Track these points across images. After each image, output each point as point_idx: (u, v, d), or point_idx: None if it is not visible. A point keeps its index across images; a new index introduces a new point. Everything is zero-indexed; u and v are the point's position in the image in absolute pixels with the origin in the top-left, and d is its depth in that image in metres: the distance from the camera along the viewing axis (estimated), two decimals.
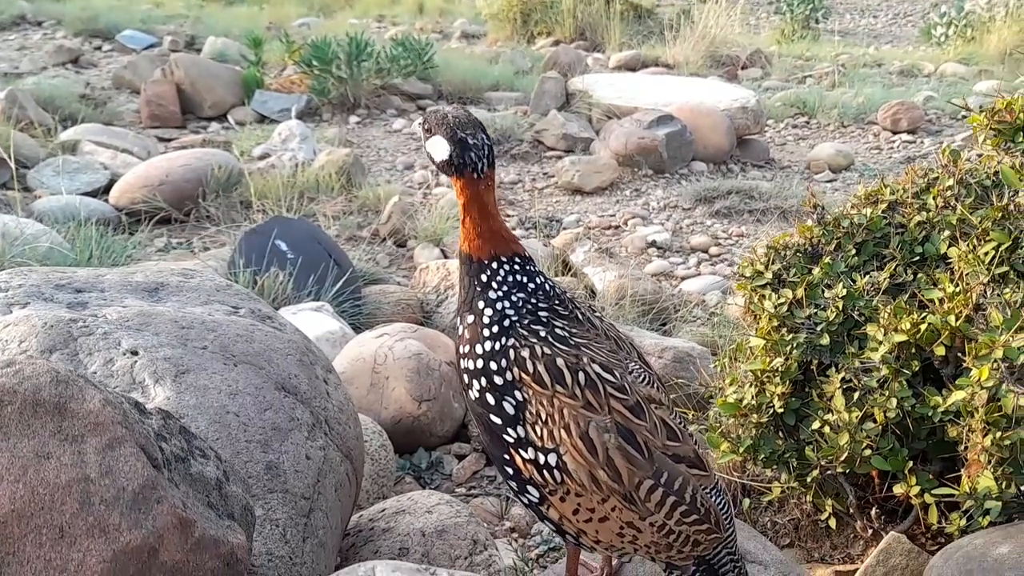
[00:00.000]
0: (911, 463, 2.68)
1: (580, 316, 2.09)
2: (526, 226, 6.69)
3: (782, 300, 2.95)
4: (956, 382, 2.42)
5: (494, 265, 2.04)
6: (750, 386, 3.03)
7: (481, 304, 2.04)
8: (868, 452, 2.70)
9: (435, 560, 2.64)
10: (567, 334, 2.01)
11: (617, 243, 6.52)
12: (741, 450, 3.01)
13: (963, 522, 2.55)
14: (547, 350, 1.97)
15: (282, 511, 2.09)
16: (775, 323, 2.96)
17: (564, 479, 1.95)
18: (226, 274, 4.41)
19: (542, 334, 2.00)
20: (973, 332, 2.39)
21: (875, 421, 2.70)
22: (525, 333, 2.00)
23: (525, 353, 1.98)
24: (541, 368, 1.96)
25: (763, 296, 3.05)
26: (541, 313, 2.03)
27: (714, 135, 7.89)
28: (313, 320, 4.18)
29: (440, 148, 2.00)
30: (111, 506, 1.42)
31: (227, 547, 1.52)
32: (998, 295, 2.40)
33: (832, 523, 2.98)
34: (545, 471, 1.96)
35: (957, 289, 2.56)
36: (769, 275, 3.06)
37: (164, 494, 1.45)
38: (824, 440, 2.79)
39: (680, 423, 2.05)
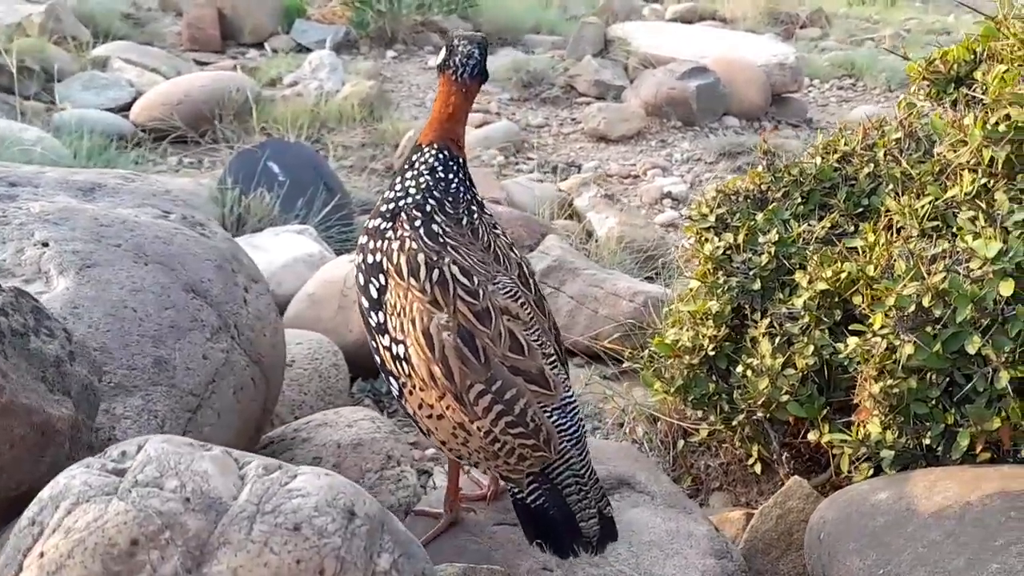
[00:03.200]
0: (826, 411, 2.68)
1: (467, 222, 2.17)
2: (544, 170, 6.69)
3: (720, 244, 2.95)
4: (847, 328, 2.42)
5: (425, 149, 2.21)
6: (686, 328, 3.04)
7: (397, 179, 2.22)
8: (786, 398, 2.71)
9: (345, 471, 2.71)
10: (440, 231, 2.12)
11: (633, 192, 6.50)
12: (672, 390, 3.03)
13: (870, 472, 2.56)
14: (413, 244, 2.09)
15: (164, 404, 2.17)
16: (711, 266, 2.96)
17: (411, 372, 2.04)
18: (215, 191, 4.50)
19: (416, 224, 2.12)
20: (884, 282, 2.37)
21: (796, 368, 2.71)
22: (405, 219, 2.13)
23: (395, 245, 2.10)
24: (403, 260, 2.08)
25: (707, 239, 3.04)
26: (430, 201, 2.16)
27: (749, 90, 7.77)
28: (293, 242, 4.25)
29: (441, 53, 2.24)
30: None
31: (41, 417, 1.59)
32: (910, 248, 2.37)
33: (758, 468, 3.00)
34: (397, 362, 2.07)
35: (879, 240, 2.54)
36: (713, 218, 3.05)
37: None
38: (747, 384, 2.80)
39: (537, 341, 2.08)
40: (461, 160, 2.24)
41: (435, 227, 2.12)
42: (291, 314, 3.88)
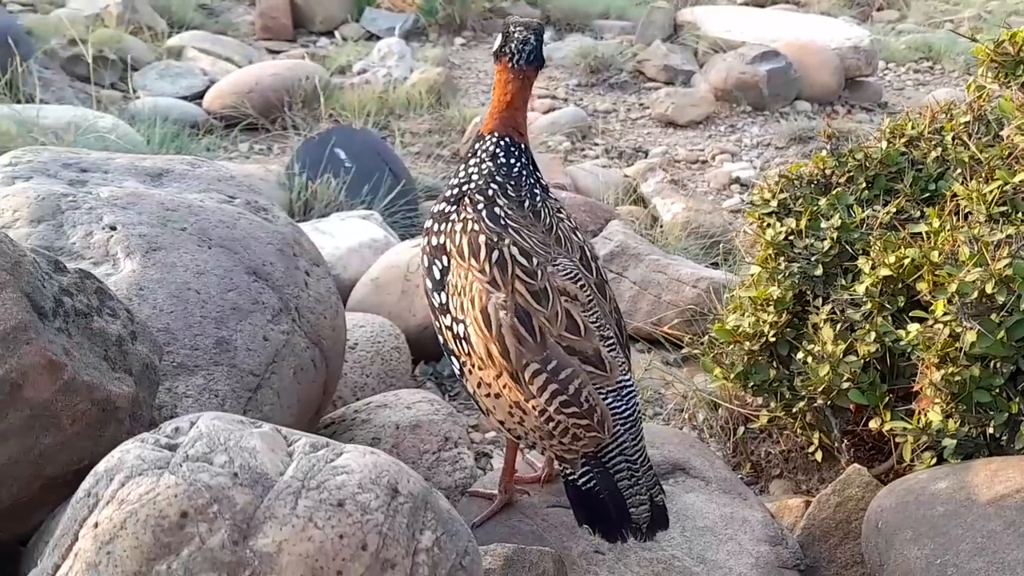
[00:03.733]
0: (888, 399, 2.64)
1: (529, 204, 2.20)
2: (611, 155, 6.67)
3: (781, 229, 2.92)
4: (909, 315, 2.38)
5: (486, 137, 2.25)
6: (747, 314, 3.02)
7: (461, 167, 2.27)
8: (847, 385, 2.67)
9: (403, 452, 2.75)
10: (503, 214, 2.15)
11: (701, 178, 6.45)
12: (732, 376, 3.01)
13: (932, 461, 2.51)
14: (475, 227, 2.13)
15: (225, 383, 2.22)
16: (772, 251, 2.93)
17: (470, 351, 2.08)
18: (283, 177, 4.58)
19: (479, 207, 2.16)
20: (947, 268, 2.33)
21: (858, 355, 2.67)
22: (468, 203, 2.18)
23: (458, 227, 2.15)
24: (465, 241, 2.12)
25: (769, 224, 3.01)
26: (492, 186, 2.20)
27: (821, 74, 7.63)
28: (358, 227, 4.30)
29: (496, 40, 2.28)
30: None
31: (102, 393, 1.65)
32: (975, 233, 2.32)
33: (818, 456, 2.96)
34: (458, 341, 2.10)
35: (944, 225, 2.49)
36: (775, 203, 3.02)
37: (35, 337, 1.58)
38: (808, 371, 2.77)
39: (595, 323, 2.09)
40: (523, 146, 2.27)
41: (497, 210, 2.16)
42: (356, 298, 3.93)
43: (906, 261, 2.54)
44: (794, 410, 2.91)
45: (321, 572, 1.35)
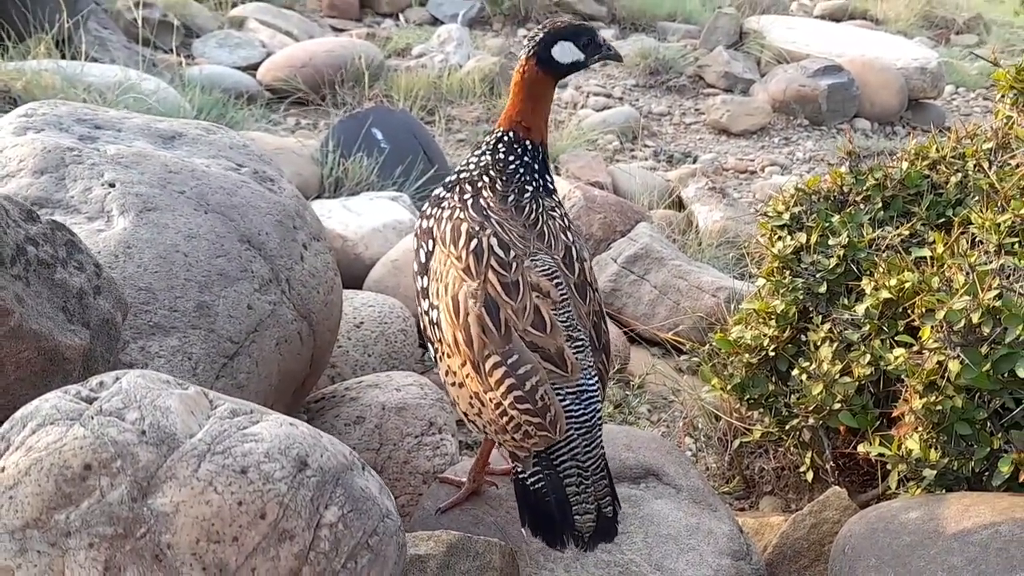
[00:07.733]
0: (878, 423, 2.59)
1: (513, 199, 2.20)
2: (659, 158, 6.62)
3: (790, 243, 2.87)
4: (895, 339, 2.32)
5: (494, 132, 2.29)
6: (750, 326, 2.98)
7: (466, 157, 2.31)
8: (838, 406, 2.63)
9: (386, 433, 2.75)
10: (487, 206, 2.16)
11: (747, 188, 6.38)
12: (729, 387, 2.97)
13: (918, 491, 2.46)
14: (460, 215, 2.14)
15: (200, 347, 2.23)
16: (778, 265, 2.89)
17: (441, 337, 2.08)
18: (317, 154, 4.61)
19: (466, 197, 2.18)
20: (938, 294, 2.27)
21: (853, 376, 2.62)
22: (458, 191, 2.21)
23: (446, 214, 2.17)
24: (448, 228, 2.13)
25: (779, 237, 2.97)
26: (484, 178, 2.22)
27: (883, 93, 7.50)
28: (385, 208, 4.32)
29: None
30: None
31: (50, 343, 1.67)
32: (970, 261, 2.26)
33: (809, 477, 2.92)
34: (432, 326, 2.11)
35: (948, 251, 2.43)
36: (787, 216, 2.97)
37: None
38: (803, 389, 2.72)
39: (564, 322, 2.06)
40: (528, 144, 2.27)
41: (482, 201, 2.17)
42: (373, 278, 3.95)
43: (906, 285, 2.49)
44: (787, 427, 2.87)
45: (217, 536, 1.36)
